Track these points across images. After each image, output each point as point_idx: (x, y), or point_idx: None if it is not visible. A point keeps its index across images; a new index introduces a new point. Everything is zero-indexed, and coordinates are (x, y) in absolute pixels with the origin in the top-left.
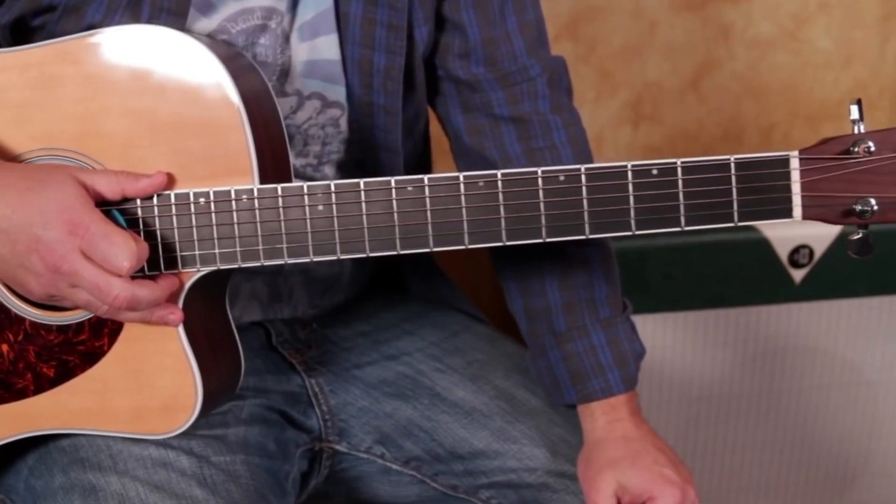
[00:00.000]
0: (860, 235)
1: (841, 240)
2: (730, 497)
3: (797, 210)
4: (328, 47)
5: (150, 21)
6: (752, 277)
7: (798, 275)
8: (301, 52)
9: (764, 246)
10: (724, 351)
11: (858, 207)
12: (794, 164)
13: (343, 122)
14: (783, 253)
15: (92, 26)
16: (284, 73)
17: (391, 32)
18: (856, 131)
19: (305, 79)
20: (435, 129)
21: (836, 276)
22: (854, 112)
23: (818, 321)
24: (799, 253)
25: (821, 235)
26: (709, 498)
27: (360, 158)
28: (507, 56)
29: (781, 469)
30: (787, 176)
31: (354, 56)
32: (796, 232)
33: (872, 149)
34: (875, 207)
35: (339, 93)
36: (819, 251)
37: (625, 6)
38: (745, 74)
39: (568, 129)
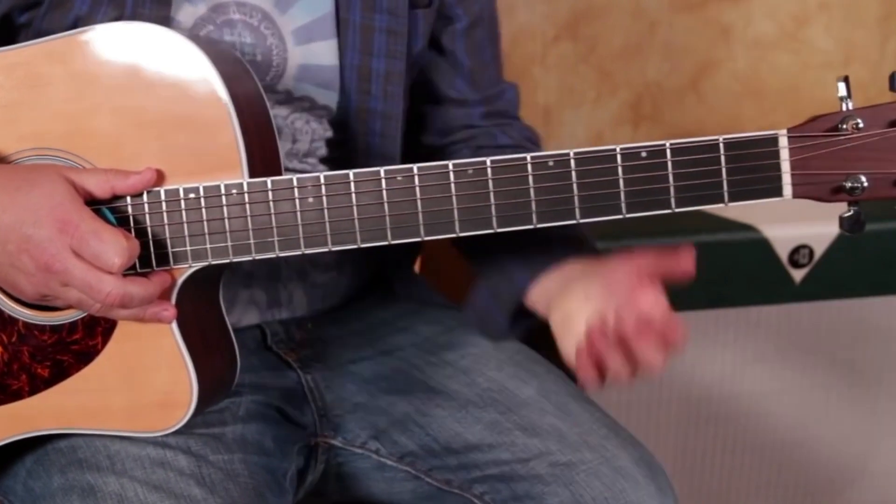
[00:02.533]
0: (851, 212)
1: (841, 240)
2: (730, 497)
3: (787, 189)
4: (325, 53)
5: (135, 9)
6: (752, 277)
7: (798, 275)
8: (295, 55)
9: (764, 246)
10: (724, 351)
11: (849, 184)
12: (783, 142)
13: (327, 124)
14: (783, 253)
15: (78, 19)
16: (279, 75)
17: (391, 38)
18: (844, 108)
19: (297, 82)
20: None
21: (836, 276)
22: (842, 89)
23: (818, 321)
24: (799, 253)
25: (821, 235)
26: (709, 498)
27: (353, 166)
28: (487, 82)
29: (781, 469)
30: (777, 154)
31: (354, 62)
32: (796, 232)
33: (861, 125)
34: (865, 184)
35: (330, 98)
36: (819, 251)
37: (625, 6)
38: (745, 74)
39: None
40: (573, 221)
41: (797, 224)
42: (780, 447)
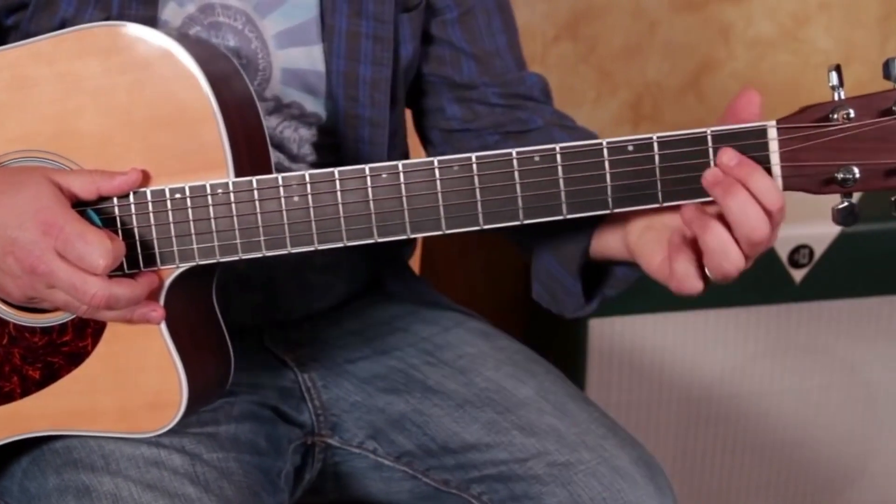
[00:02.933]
0: (845, 204)
1: (841, 240)
2: (730, 497)
3: (777, 181)
4: (309, 58)
5: (121, 10)
6: (752, 277)
7: (798, 275)
8: (278, 59)
9: None
10: (724, 351)
11: (840, 176)
12: (773, 133)
13: (315, 130)
14: (783, 253)
15: (65, 21)
16: (265, 79)
17: (377, 44)
18: (835, 98)
19: (284, 87)
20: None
21: (836, 276)
22: (833, 78)
23: (818, 321)
24: (799, 253)
25: (821, 235)
26: (709, 498)
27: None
28: (501, 68)
29: (781, 469)
30: (766, 147)
31: (340, 69)
32: (796, 232)
33: (852, 115)
34: (857, 175)
35: (318, 105)
36: (819, 251)
37: (625, 6)
38: (745, 74)
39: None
40: (560, 217)
41: (797, 224)
42: (780, 447)
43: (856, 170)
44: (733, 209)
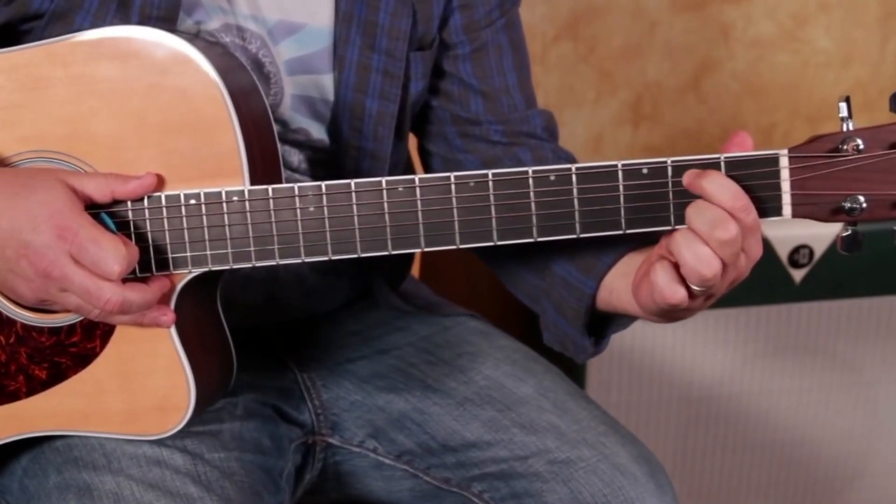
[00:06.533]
0: (849, 232)
1: None
2: (730, 497)
3: (787, 208)
4: (319, 87)
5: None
6: (752, 277)
7: (798, 275)
8: (289, 85)
9: (764, 246)
10: (724, 351)
11: (847, 205)
12: (784, 162)
13: (318, 159)
14: (783, 253)
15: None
16: (276, 104)
17: (387, 79)
18: (845, 129)
19: (294, 112)
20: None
21: (836, 276)
22: (843, 109)
23: (818, 321)
24: (799, 253)
25: (821, 235)
26: (709, 498)
27: None
28: (508, 107)
29: (781, 469)
30: (777, 174)
31: (347, 100)
32: (796, 232)
33: (861, 146)
34: (864, 205)
35: (324, 133)
36: (819, 251)
37: (625, 6)
38: (745, 74)
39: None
40: (573, 236)
41: (797, 224)
42: (780, 447)
43: (862, 199)
44: (689, 213)
